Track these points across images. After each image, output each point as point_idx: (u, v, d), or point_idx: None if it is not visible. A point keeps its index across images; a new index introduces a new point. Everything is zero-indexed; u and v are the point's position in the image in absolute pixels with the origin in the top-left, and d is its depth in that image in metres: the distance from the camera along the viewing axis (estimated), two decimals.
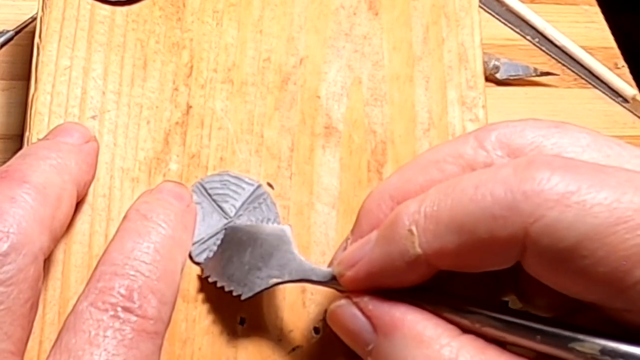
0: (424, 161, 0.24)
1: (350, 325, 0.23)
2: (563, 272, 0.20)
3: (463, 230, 0.20)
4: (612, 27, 0.44)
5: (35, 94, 0.28)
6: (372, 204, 0.24)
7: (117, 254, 0.24)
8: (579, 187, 0.19)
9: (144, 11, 0.30)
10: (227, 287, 0.26)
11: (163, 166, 0.28)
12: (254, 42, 0.31)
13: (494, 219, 0.20)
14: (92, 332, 0.22)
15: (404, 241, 0.21)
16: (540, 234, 0.19)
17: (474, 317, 0.21)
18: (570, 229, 0.19)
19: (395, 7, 0.33)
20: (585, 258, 0.19)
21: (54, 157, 0.25)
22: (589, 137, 0.22)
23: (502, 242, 0.20)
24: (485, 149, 0.22)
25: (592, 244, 0.19)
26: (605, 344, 0.19)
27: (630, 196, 0.19)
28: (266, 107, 0.30)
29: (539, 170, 0.20)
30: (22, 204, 0.23)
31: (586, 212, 0.19)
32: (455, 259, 0.21)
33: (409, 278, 0.22)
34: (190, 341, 0.26)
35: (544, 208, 0.19)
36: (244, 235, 0.27)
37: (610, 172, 0.20)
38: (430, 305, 0.22)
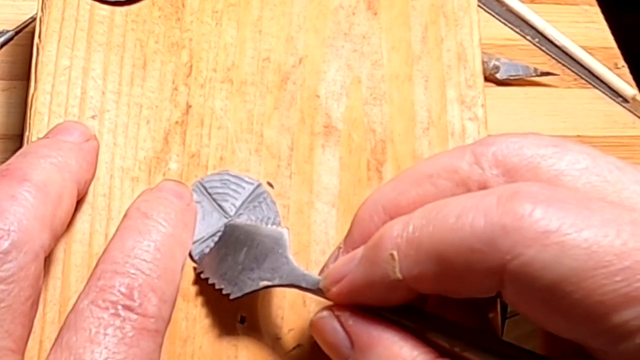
0: (418, 173, 0.23)
1: (330, 338, 0.23)
2: (541, 309, 0.19)
3: (442, 259, 0.20)
4: (612, 27, 0.44)
5: (35, 94, 0.28)
6: (364, 214, 0.24)
7: (117, 252, 0.24)
8: (560, 225, 0.19)
9: (143, 11, 0.30)
10: (218, 285, 0.26)
11: (163, 165, 0.28)
12: (253, 41, 0.31)
13: (472, 252, 0.20)
14: (92, 330, 0.22)
15: (385, 265, 0.21)
16: (518, 272, 0.19)
17: (454, 341, 0.21)
18: (547, 270, 0.19)
19: (393, 6, 0.33)
20: (563, 299, 0.19)
21: (55, 155, 0.25)
22: (589, 158, 0.21)
23: (479, 275, 0.20)
24: (481, 167, 0.22)
25: (569, 286, 0.18)
26: None
27: (612, 238, 0.18)
28: (266, 106, 0.30)
29: (522, 203, 0.19)
30: (22, 202, 0.23)
31: (565, 254, 0.19)
32: (435, 285, 0.21)
33: (391, 299, 0.22)
34: (191, 340, 0.26)
35: (522, 246, 0.19)
36: (242, 235, 0.27)
37: (596, 209, 0.19)
38: (413, 324, 0.22)
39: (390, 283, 0.21)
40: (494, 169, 0.22)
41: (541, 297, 0.19)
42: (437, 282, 0.21)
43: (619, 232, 0.19)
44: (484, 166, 0.22)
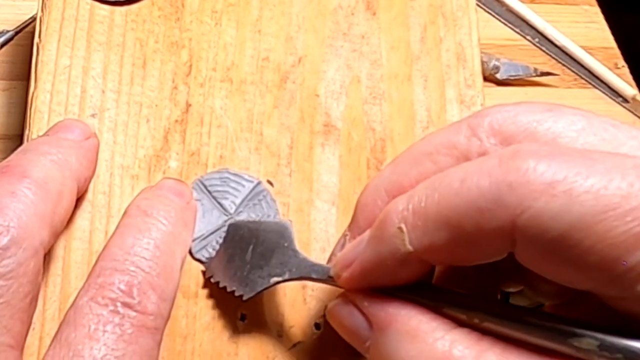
0: (417, 153, 0.23)
1: (348, 323, 0.23)
2: (553, 262, 0.19)
3: (451, 225, 0.20)
4: (612, 27, 0.44)
5: (35, 93, 0.28)
6: (367, 199, 0.24)
7: (117, 249, 0.24)
8: (565, 175, 0.19)
9: (143, 11, 0.30)
10: (230, 288, 0.26)
11: (163, 164, 0.28)
12: (253, 41, 0.31)
13: (480, 213, 0.20)
14: (91, 326, 0.22)
15: (394, 239, 0.21)
16: (528, 226, 0.19)
17: (473, 313, 0.21)
18: (557, 219, 0.19)
19: (392, 7, 0.33)
20: (574, 247, 0.19)
21: (55, 152, 0.25)
22: (584, 120, 0.21)
23: (490, 235, 0.20)
24: (479, 137, 0.22)
25: (580, 233, 0.18)
26: (603, 339, 0.19)
27: (618, 182, 0.18)
28: (265, 105, 0.30)
29: (525, 160, 0.19)
30: (22, 198, 0.23)
31: (573, 201, 0.18)
32: (446, 253, 0.21)
33: (403, 275, 0.22)
34: (191, 337, 0.26)
35: (530, 199, 0.19)
36: (246, 232, 0.27)
37: (598, 158, 0.19)
38: (428, 301, 0.22)
39: (401, 258, 0.21)
40: (492, 138, 0.22)
41: (553, 248, 0.19)
42: (448, 250, 0.21)
43: (623, 176, 0.19)
44: (482, 137, 0.22)
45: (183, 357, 0.26)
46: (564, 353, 0.20)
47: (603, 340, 0.19)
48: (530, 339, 0.20)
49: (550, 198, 0.19)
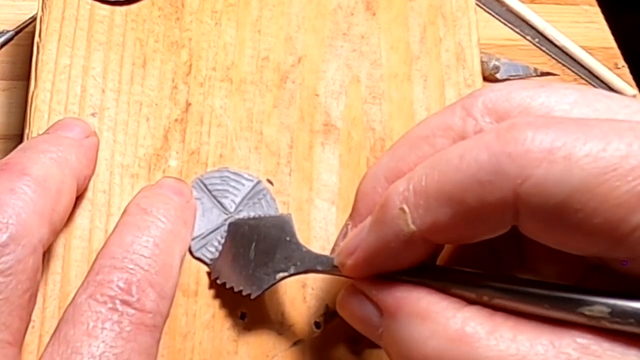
0: (414, 138, 0.23)
1: (358, 313, 0.23)
2: (559, 228, 0.19)
3: (453, 201, 0.20)
4: (612, 27, 0.44)
5: (35, 92, 0.28)
6: (367, 187, 0.24)
7: (116, 247, 0.24)
8: (563, 142, 0.19)
9: (143, 11, 0.30)
10: (237, 288, 0.26)
11: (163, 162, 0.28)
12: (253, 41, 0.31)
13: (481, 186, 0.19)
14: (90, 324, 0.22)
15: (397, 221, 0.21)
16: (530, 194, 0.19)
17: (482, 290, 0.21)
18: (559, 185, 0.19)
19: (392, 7, 0.33)
20: (579, 211, 0.19)
21: (55, 150, 0.25)
22: (576, 92, 0.21)
23: (493, 207, 0.20)
24: (474, 117, 0.22)
25: (583, 196, 0.18)
26: (614, 304, 0.19)
27: (616, 144, 0.19)
28: (265, 104, 0.30)
29: (522, 130, 0.19)
30: (22, 195, 0.23)
31: (573, 166, 0.19)
32: (450, 231, 0.21)
33: (408, 258, 0.22)
34: (191, 335, 0.26)
35: (530, 167, 0.19)
36: (247, 230, 0.27)
37: (594, 124, 0.19)
38: (436, 282, 0.22)
39: (404, 239, 0.21)
40: (486, 117, 0.22)
41: (557, 214, 0.19)
42: (452, 226, 0.20)
43: (621, 137, 0.19)
44: (477, 116, 0.22)
45: (183, 355, 0.26)
46: (576, 322, 0.19)
47: (614, 306, 0.19)
48: (542, 311, 0.20)
49: (550, 164, 0.19)
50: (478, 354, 0.19)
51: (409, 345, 0.21)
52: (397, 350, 0.21)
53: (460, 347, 0.20)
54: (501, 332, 0.20)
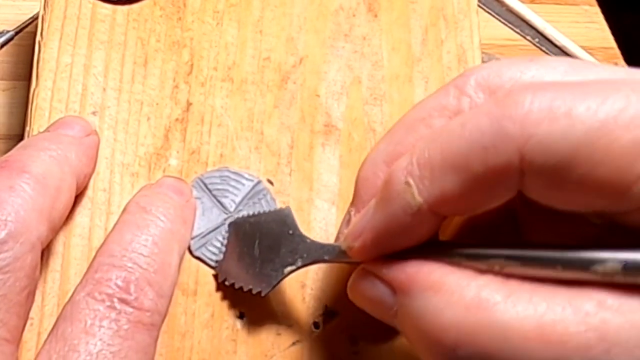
0: (410, 120, 0.23)
1: (371, 294, 0.23)
2: (565, 186, 0.19)
3: (458, 168, 0.20)
4: (612, 27, 0.44)
5: (36, 90, 0.28)
6: (367, 173, 0.24)
7: (115, 245, 0.24)
8: (562, 100, 0.19)
9: (144, 10, 0.30)
10: (246, 287, 0.26)
11: (163, 162, 0.28)
12: (254, 41, 0.31)
13: (485, 150, 0.20)
14: (88, 321, 0.22)
15: (403, 195, 0.21)
16: (534, 153, 0.19)
17: (493, 260, 0.21)
18: (562, 141, 0.19)
19: (394, 9, 0.33)
20: (583, 165, 0.19)
21: (54, 148, 0.25)
22: (566, 63, 0.22)
23: (498, 171, 0.20)
24: (468, 95, 0.22)
25: (586, 149, 0.19)
26: (627, 259, 0.19)
27: (613, 97, 0.19)
28: (266, 105, 0.30)
29: (520, 95, 0.20)
30: (21, 193, 0.23)
31: (574, 121, 0.19)
32: (457, 200, 0.21)
33: (416, 233, 0.22)
34: (190, 334, 0.26)
35: (532, 127, 0.19)
36: (248, 228, 0.27)
37: (589, 83, 0.20)
38: (445, 257, 0.21)
39: (412, 213, 0.21)
40: (480, 93, 0.22)
41: (563, 171, 0.19)
42: (459, 195, 0.20)
43: (617, 91, 0.19)
44: (470, 94, 0.22)
45: (182, 355, 0.26)
46: (590, 280, 0.19)
47: (626, 261, 0.19)
48: (555, 274, 0.20)
49: (552, 122, 0.19)
50: (496, 318, 0.19)
51: (425, 318, 0.20)
52: (414, 326, 0.21)
53: (477, 314, 0.20)
54: (517, 296, 0.19)
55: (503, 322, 0.19)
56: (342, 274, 0.28)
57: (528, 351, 0.19)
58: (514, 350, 0.19)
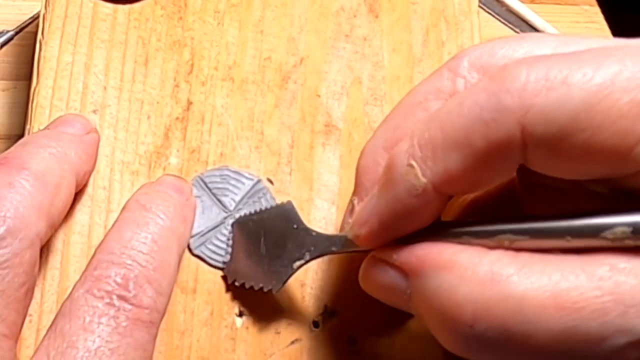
0: (406, 105, 0.24)
1: (383, 281, 0.23)
2: (567, 154, 0.19)
3: (460, 146, 0.20)
4: (612, 27, 0.44)
5: (37, 88, 0.28)
6: (367, 161, 0.24)
7: (114, 243, 0.24)
8: (558, 69, 0.19)
9: (145, 10, 0.30)
10: (256, 286, 0.26)
11: (163, 160, 0.28)
12: (255, 41, 0.31)
13: (486, 125, 0.20)
14: (86, 318, 0.22)
15: (407, 177, 0.21)
16: (535, 124, 0.19)
17: (501, 236, 0.21)
18: (561, 108, 0.19)
19: (395, 10, 0.33)
20: (584, 131, 0.19)
21: (54, 145, 0.25)
22: (556, 39, 0.22)
23: (500, 145, 0.20)
24: (462, 76, 0.22)
25: (586, 114, 0.19)
26: (635, 222, 0.19)
27: (607, 63, 0.19)
28: (266, 104, 0.30)
29: (515, 68, 0.20)
30: (20, 189, 0.23)
31: (572, 88, 0.19)
32: (461, 178, 0.21)
33: (422, 215, 0.22)
34: (189, 332, 0.26)
35: (531, 97, 0.19)
36: (252, 226, 0.26)
37: (582, 52, 0.20)
38: (454, 238, 0.21)
39: (417, 195, 0.21)
40: (474, 73, 0.22)
41: (564, 139, 0.19)
42: (463, 173, 0.20)
43: (610, 57, 0.19)
44: (464, 74, 0.22)
45: (180, 352, 0.26)
46: (600, 247, 0.20)
47: (635, 224, 0.19)
48: (564, 244, 0.20)
49: (550, 91, 0.19)
50: (510, 290, 0.19)
51: (440, 298, 0.20)
52: (429, 306, 0.21)
53: (492, 288, 0.20)
54: (530, 267, 0.20)
55: (518, 294, 0.19)
56: (342, 273, 0.28)
57: (545, 321, 0.19)
58: (531, 321, 0.19)
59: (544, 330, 0.19)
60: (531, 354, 0.19)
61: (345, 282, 0.27)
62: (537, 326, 0.19)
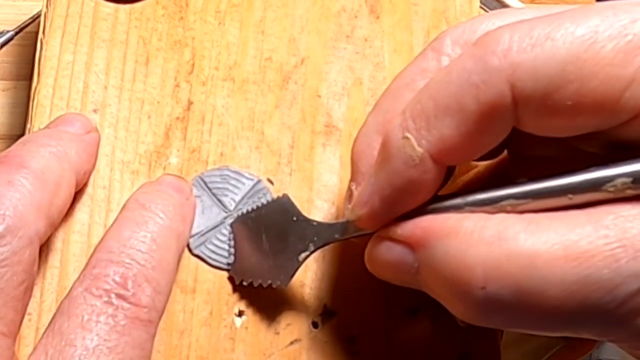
0: (394, 89, 0.24)
1: (390, 258, 0.23)
2: (558, 108, 0.20)
3: (452, 111, 0.20)
4: None
5: (37, 87, 0.28)
6: (362, 146, 0.24)
7: (113, 241, 0.24)
8: (540, 28, 0.20)
9: (147, 10, 0.30)
10: (265, 283, 0.26)
11: (163, 160, 0.28)
12: (256, 41, 0.31)
13: (476, 88, 0.20)
14: (85, 316, 0.22)
15: (403, 150, 0.21)
16: (524, 80, 0.19)
17: (503, 203, 0.21)
18: (549, 62, 0.19)
19: (396, 11, 0.33)
20: (573, 82, 0.19)
21: (54, 144, 0.25)
22: (535, 10, 0.22)
23: (491, 106, 0.20)
24: (446, 54, 0.23)
25: (573, 65, 0.19)
26: (634, 171, 0.19)
27: (587, 18, 0.20)
28: (267, 104, 0.30)
29: (497, 33, 0.20)
30: (19, 188, 0.23)
31: (556, 42, 0.19)
32: (456, 144, 0.21)
33: (422, 188, 0.22)
34: (188, 332, 0.26)
35: (518, 55, 0.20)
36: (251, 225, 0.26)
37: (561, 13, 0.20)
38: (455, 210, 0.21)
39: (415, 166, 0.21)
40: (458, 49, 0.23)
41: (555, 92, 0.19)
42: (458, 139, 0.21)
43: (589, 11, 0.20)
44: (449, 52, 0.23)
45: (179, 352, 0.26)
46: (603, 200, 0.20)
47: (634, 173, 0.19)
48: (567, 202, 0.20)
49: (535, 47, 0.19)
50: (520, 247, 0.19)
51: (449, 264, 0.20)
52: (438, 276, 0.21)
53: (500, 247, 0.20)
54: (536, 224, 0.20)
55: (527, 250, 0.19)
56: (342, 273, 0.28)
57: (557, 274, 0.19)
58: (543, 275, 0.19)
59: (556, 283, 0.19)
60: (545, 312, 0.19)
61: (344, 283, 0.27)
62: (549, 279, 0.19)
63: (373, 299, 0.27)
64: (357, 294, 0.27)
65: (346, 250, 0.28)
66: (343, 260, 0.28)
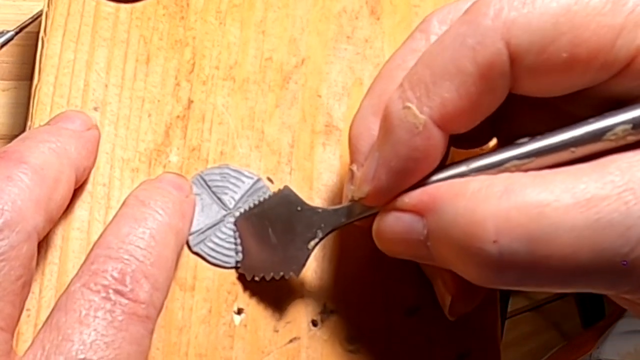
0: (386, 71, 0.24)
1: (399, 228, 0.23)
2: (553, 62, 0.20)
3: (451, 75, 0.20)
4: None
5: (38, 85, 0.28)
6: (359, 129, 0.24)
7: (112, 237, 0.24)
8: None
9: (148, 9, 0.30)
10: (277, 275, 0.25)
11: (163, 158, 0.28)
12: (256, 41, 0.31)
13: (472, 50, 0.20)
14: (82, 312, 0.22)
15: (405, 119, 0.21)
16: (519, 36, 0.20)
17: (507, 164, 0.21)
18: (542, 17, 0.20)
19: (396, 12, 0.33)
20: (566, 33, 0.20)
21: (54, 141, 0.25)
22: None
23: (489, 65, 0.20)
24: (434, 33, 0.23)
25: (565, 17, 0.19)
26: (634, 118, 0.20)
27: None
28: (267, 104, 0.30)
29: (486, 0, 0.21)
30: (18, 183, 0.23)
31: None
32: (458, 109, 0.21)
33: (426, 157, 0.22)
34: (187, 329, 0.26)
35: (510, 14, 0.20)
36: (255, 220, 0.26)
37: None
38: (459, 175, 0.22)
39: (419, 135, 0.21)
40: (445, 28, 0.23)
41: (549, 45, 0.20)
42: (459, 102, 0.21)
43: None
44: (436, 31, 0.23)
45: (178, 349, 0.26)
46: (605, 149, 0.20)
47: (634, 119, 0.20)
48: (570, 156, 0.20)
49: (527, 4, 0.20)
50: (529, 198, 0.19)
51: (459, 223, 0.20)
52: (449, 239, 0.21)
53: (509, 199, 0.20)
54: (542, 178, 0.20)
55: (537, 200, 0.19)
56: (342, 272, 0.27)
57: (567, 221, 0.19)
58: (553, 223, 0.19)
59: (567, 229, 0.19)
60: (558, 263, 0.19)
61: (344, 282, 0.27)
62: (560, 227, 0.19)
63: (373, 298, 0.27)
64: (357, 293, 0.27)
65: (346, 249, 0.28)
66: (343, 259, 0.28)
